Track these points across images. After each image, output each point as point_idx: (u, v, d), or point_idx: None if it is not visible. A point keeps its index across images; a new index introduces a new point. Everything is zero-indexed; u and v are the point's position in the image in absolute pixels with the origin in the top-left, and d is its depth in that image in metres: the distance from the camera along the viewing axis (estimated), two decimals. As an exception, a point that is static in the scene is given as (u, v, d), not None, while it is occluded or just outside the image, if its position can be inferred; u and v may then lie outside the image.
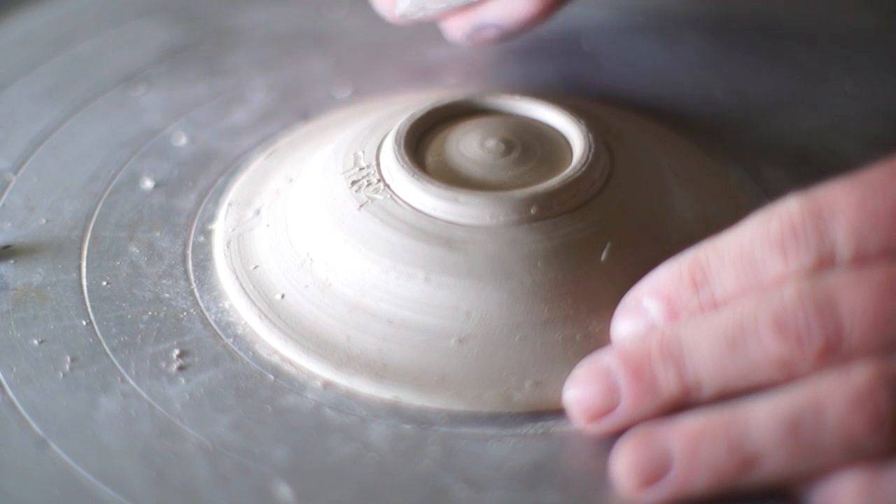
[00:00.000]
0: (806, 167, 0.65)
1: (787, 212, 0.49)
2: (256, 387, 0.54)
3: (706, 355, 0.49)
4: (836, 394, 0.46)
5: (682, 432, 0.48)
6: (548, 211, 0.55)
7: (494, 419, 0.53)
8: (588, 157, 0.57)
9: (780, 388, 0.48)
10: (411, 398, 0.53)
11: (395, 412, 0.53)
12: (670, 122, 0.68)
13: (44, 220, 0.62)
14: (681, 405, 0.49)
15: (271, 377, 0.54)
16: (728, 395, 0.49)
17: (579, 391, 0.51)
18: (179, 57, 0.74)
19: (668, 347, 0.49)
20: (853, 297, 0.47)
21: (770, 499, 0.48)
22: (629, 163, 0.58)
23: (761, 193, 0.63)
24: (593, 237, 0.55)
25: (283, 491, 0.50)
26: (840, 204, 0.48)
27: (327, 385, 0.54)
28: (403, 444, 0.52)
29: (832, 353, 0.47)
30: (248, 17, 0.77)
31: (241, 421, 0.52)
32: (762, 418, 0.47)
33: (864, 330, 0.47)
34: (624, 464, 0.49)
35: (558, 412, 0.53)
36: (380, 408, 0.53)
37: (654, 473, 0.48)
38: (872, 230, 0.48)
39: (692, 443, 0.48)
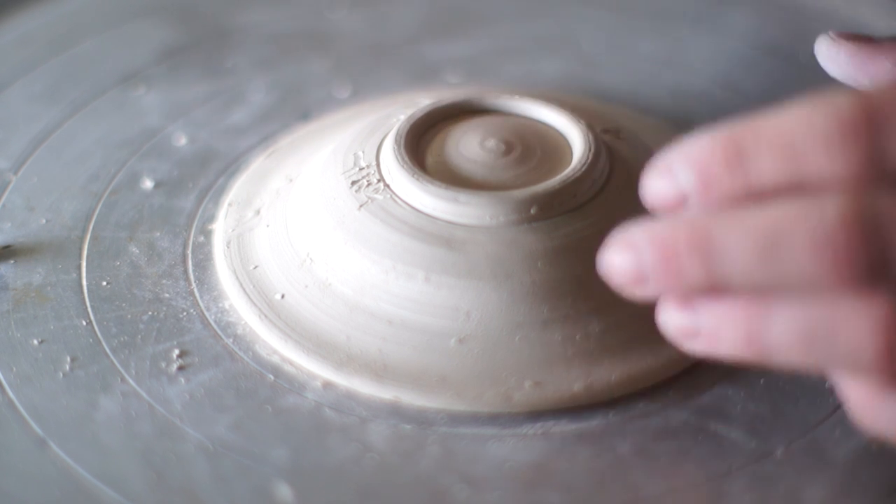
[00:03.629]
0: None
1: (835, 106, 0.45)
2: (256, 387, 0.54)
3: (736, 258, 0.46)
4: (853, 319, 0.45)
5: (711, 310, 0.48)
6: (548, 211, 0.55)
7: (494, 419, 0.53)
8: (588, 157, 0.57)
9: (807, 297, 0.46)
10: (411, 398, 0.53)
11: (395, 412, 0.53)
12: (670, 122, 0.68)
13: (44, 220, 0.62)
14: (708, 290, 0.48)
15: (271, 377, 0.54)
16: (757, 292, 0.47)
17: (611, 264, 0.48)
18: (179, 57, 0.74)
19: (698, 243, 0.46)
20: None
21: None
22: (629, 163, 0.58)
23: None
24: (593, 237, 0.55)
25: (283, 491, 0.50)
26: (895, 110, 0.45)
27: (327, 385, 0.54)
28: (403, 444, 0.52)
29: (869, 280, 0.45)
30: (248, 17, 0.77)
31: (241, 421, 0.52)
32: (780, 323, 0.46)
33: None
34: (665, 321, 0.48)
35: (558, 412, 0.53)
36: (380, 408, 0.53)
37: (690, 334, 0.48)
38: None
39: (717, 324, 0.47)
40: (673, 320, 0.48)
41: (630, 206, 0.57)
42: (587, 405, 0.53)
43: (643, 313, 0.55)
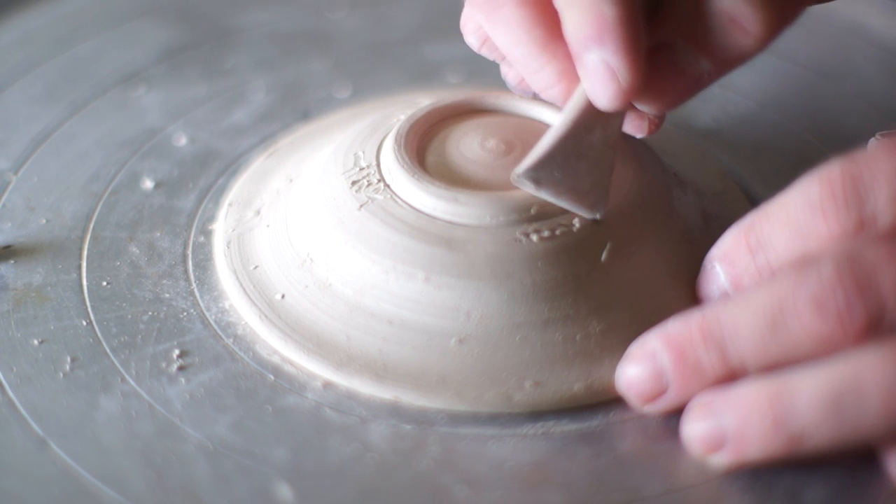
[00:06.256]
0: (806, 167, 0.65)
1: (827, 176, 0.50)
2: (256, 387, 0.54)
3: (748, 337, 0.49)
4: (877, 371, 0.47)
5: (734, 407, 0.49)
6: (548, 211, 0.55)
7: (494, 419, 0.53)
8: (588, 157, 0.57)
9: (823, 361, 0.48)
10: (411, 398, 0.53)
11: (395, 412, 0.53)
12: (670, 122, 0.68)
13: (44, 220, 0.62)
14: (727, 381, 0.50)
15: (271, 377, 0.54)
16: (773, 368, 0.49)
17: (629, 377, 0.52)
18: (179, 57, 0.74)
19: (710, 331, 0.50)
20: (893, 270, 0.47)
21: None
22: (629, 163, 0.58)
23: (761, 193, 0.63)
24: (593, 237, 0.55)
25: (283, 491, 0.50)
26: (882, 167, 0.49)
27: (327, 385, 0.54)
28: (403, 444, 0.52)
29: (875, 329, 0.47)
30: (248, 17, 0.77)
31: (242, 421, 0.52)
32: (805, 397, 0.48)
33: None
34: (689, 434, 0.50)
35: (558, 412, 0.53)
36: (380, 408, 0.53)
37: (715, 444, 0.50)
38: None
39: (742, 419, 0.49)
40: (697, 431, 0.50)
41: (630, 206, 0.57)
42: (587, 405, 0.53)
43: (643, 314, 0.55)
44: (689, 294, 0.56)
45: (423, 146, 0.59)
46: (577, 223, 0.55)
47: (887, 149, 0.49)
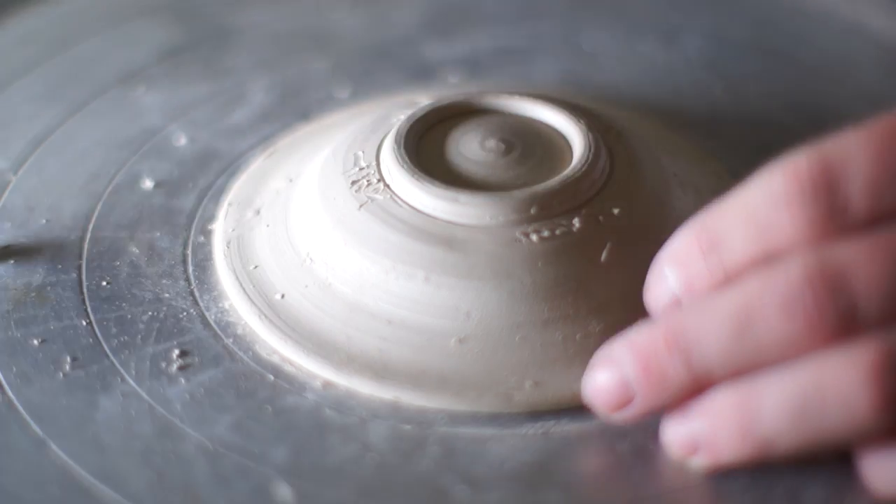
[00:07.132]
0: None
1: (793, 167, 0.46)
2: (256, 387, 0.54)
3: (713, 343, 0.47)
4: (841, 375, 0.45)
5: (703, 413, 0.48)
6: (548, 211, 0.55)
7: (494, 419, 0.53)
8: (588, 157, 0.57)
9: (789, 365, 0.46)
10: (411, 398, 0.53)
11: (395, 412, 0.53)
12: (670, 122, 0.68)
13: (44, 220, 0.62)
14: (696, 387, 0.48)
15: (271, 377, 0.54)
16: (742, 373, 0.47)
17: (596, 385, 0.50)
18: (179, 57, 0.74)
19: (674, 339, 0.47)
20: (867, 269, 0.44)
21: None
22: (629, 163, 0.58)
23: (761, 193, 0.63)
24: (593, 237, 0.55)
25: (283, 491, 0.50)
26: (854, 157, 0.45)
27: (327, 385, 0.54)
28: (403, 444, 0.52)
29: (845, 331, 0.45)
30: (248, 17, 0.77)
31: (241, 421, 0.52)
32: (771, 402, 0.46)
33: (882, 304, 0.44)
34: (666, 437, 0.50)
35: (558, 412, 0.53)
36: (380, 408, 0.53)
37: (690, 447, 0.49)
38: (891, 186, 0.45)
39: (711, 425, 0.48)
40: (671, 434, 0.49)
41: (630, 206, 0.57)
42: (587, 405, 0.53)
43: (643, 313, 0.55)
44: (689, 294, 0.56)
45: (423, 146, 0.59)
46: (577, 223, 0.55)
47: (858, 136, 0.46)
